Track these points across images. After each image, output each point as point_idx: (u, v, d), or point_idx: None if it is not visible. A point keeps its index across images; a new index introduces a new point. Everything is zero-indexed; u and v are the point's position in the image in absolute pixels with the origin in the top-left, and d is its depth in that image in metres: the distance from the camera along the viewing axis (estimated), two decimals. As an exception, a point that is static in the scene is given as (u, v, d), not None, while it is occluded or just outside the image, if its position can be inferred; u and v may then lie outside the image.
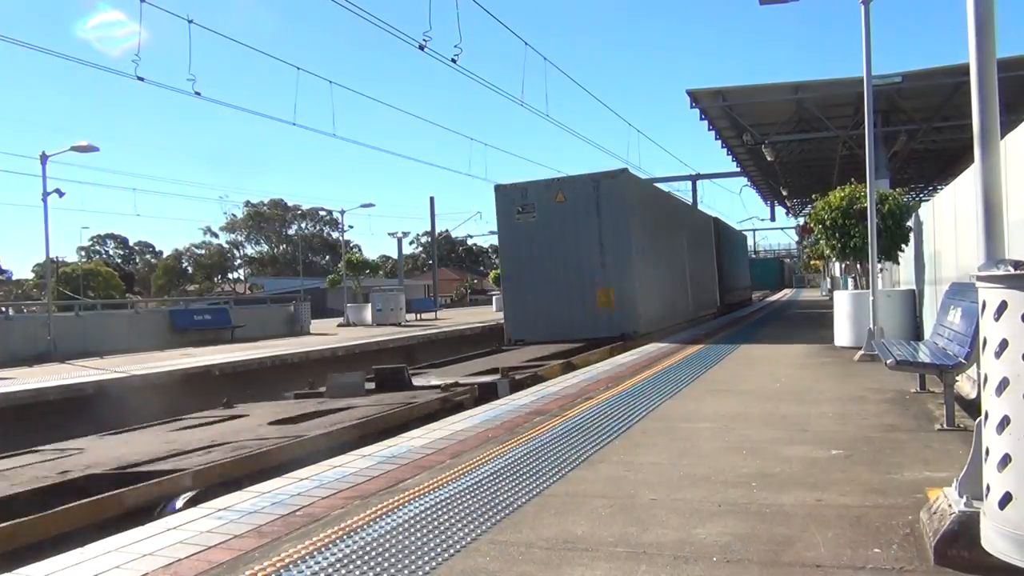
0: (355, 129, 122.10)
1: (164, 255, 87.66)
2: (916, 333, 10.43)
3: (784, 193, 36.02)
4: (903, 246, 11.41)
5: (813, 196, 12.71)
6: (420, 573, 2.91)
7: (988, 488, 2.48)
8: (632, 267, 15.41)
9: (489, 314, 33.70)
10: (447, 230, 69.02)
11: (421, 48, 12.15)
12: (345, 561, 3.05)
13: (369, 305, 29.10)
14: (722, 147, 24.89)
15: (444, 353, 19.35)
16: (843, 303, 11.46)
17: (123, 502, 4.95)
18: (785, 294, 49.82)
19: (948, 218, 8.41)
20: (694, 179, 43.77)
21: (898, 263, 12.81)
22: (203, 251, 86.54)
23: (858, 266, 12.11)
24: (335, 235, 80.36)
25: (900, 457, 4.48)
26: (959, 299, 5.76)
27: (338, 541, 3.30)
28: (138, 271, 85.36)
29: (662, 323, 16.89)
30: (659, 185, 25.35)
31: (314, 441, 6.36)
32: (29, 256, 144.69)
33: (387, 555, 3.11)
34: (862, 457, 4.52)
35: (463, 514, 3.64)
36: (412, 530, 3.42)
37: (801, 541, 3.10)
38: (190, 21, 13.89)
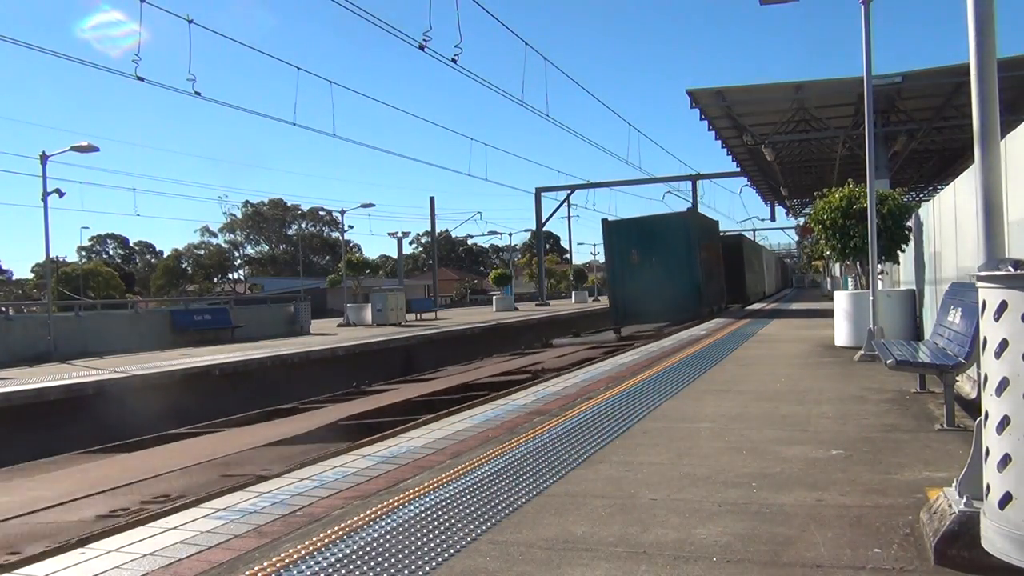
0: (355, 129, 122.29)
1: (164, 255, 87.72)
2: (916, 333, 10.43)
3: (784, 193, 36.03)
4: (903, 246, 11.41)
5: (815, 195, 12.70)
6: (420, 573, 2.91)
7: (988, 488, 2.48)
8: None
9: (489, 314, 33.73)
10: (447, 230, 69.04)
11: (421, 48, 12.16)
12: (345, 561, 3.05)
13: (369, 305, 29.11)
14: (722, 147, 24.92)
15: (445, 353, 19.38)
16: (843, 303, 11.46)
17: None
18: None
19: (948, 218, 8.41)
20: (694, 179, 43.87)
21: (898, 263, 12.81)
22: (203, 251, 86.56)
23: (858, 266, 12.11)
24: (335, 235, 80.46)
25: (900, 457, 4.48)
26: (959, 299, 5.75)
27: (338, 541, 3.30)
28: (138, 271, 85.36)
29: None
30: (659, 186, 23.10)
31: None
32: (29, 256, 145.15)
33: (387, 555, 3.11)
34: (862, 457, 4.52)
35: (463, 514, 3.64)
36: (412, 530, 3.42)
37: (801, 541, 3.10)
38: (190, 21, 13.89)
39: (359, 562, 3.03)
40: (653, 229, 22.34)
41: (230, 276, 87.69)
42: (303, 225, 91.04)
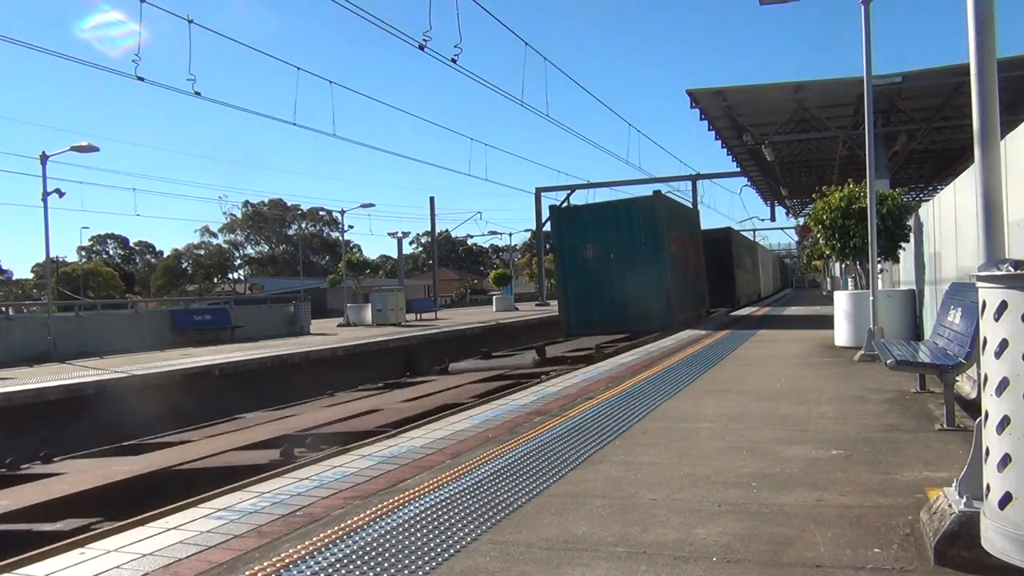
0: (355, 129, 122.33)
1: (164, 255, 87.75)
2: (916, 333, 10.43)
3: (784, 193, 36.01)
4: (903, 246, 11.42)
5: (815, 194, 12.70)
6: (420, 573, 2.91)
7: (988, 488, 2.48)
8: None
9: (489, 314, 33.73)
10: (447, 230, 69.09)
11: (421, 48, 12.17)
12: (345, 561, 3.05)
13: (369, 305, 29.11)
14: (722, 147, 24.89)
15: (445, 352, 19.36)
16: (843, 303, 11.46)
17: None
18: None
19: (948, 218, 8.41)
20: (694, 179, 43.82)
21: (898, 263, 12.81)
22: (203, 251, 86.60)
23: (858, 266, 12.11)
24: (335, 235, 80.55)
25: (900, 457, 4.48)
26: (959, 299, 5.75)
27: (338, 541, 3.30)
28: (138, 271, 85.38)
29: None
30: (659, 186, 24.14)
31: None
32: (29, 256, 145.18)
33: (387, 555, 3.11)
34: (862, 457, 4.52)
35: (463, 514, 3.64)
36: (412, 530, 3.42)
37: (801, 541, 3.10)
38: (190, 21, 13.89)
39: (359, 562, 3.03)
40: (611, 217, 18.26)
41: (230, 276, 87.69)
42: (303, 225, 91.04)
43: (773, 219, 49.67)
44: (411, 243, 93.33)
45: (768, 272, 45.69)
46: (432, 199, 46.71)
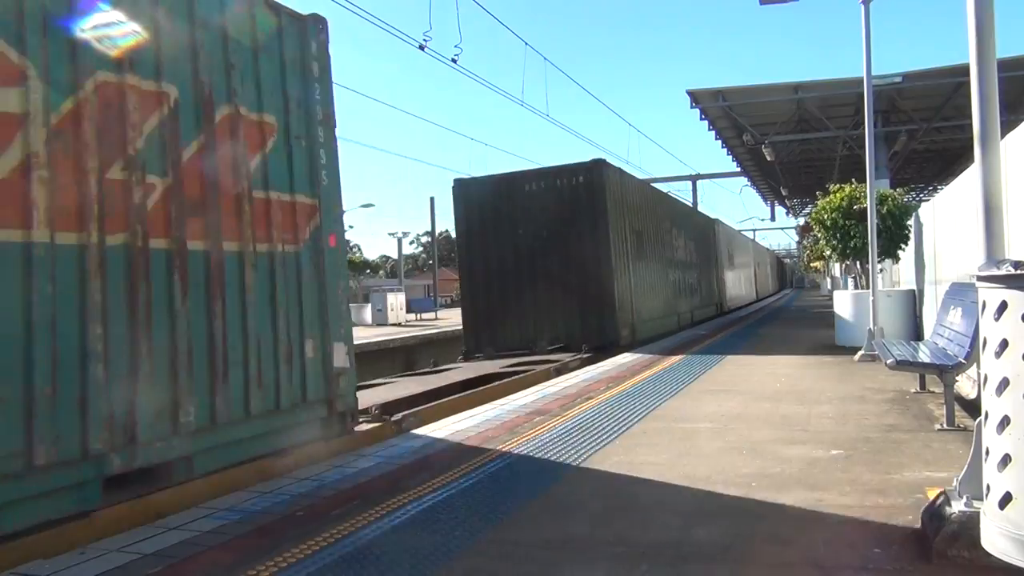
0: (355, 129, 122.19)
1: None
2: (916, 333, 10.43)
3: (784, 193, 36.02)
4: (903, 246, 11.43)
5: (817, 193, 12.73)
6: (420, 573, 2.91)
7: (988, 488, 2.48)
8: None
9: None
10: (447, 230, 68.85)
11: (421, 48, 12.16)
12: (346, 561, 3.05)
13: (369, 305, 29.10)
14: (722, 147, 24.91)
15: (445, 353, 19.34)
16: (843, 303, 11.46)
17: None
18: None
19: (948, 218, 8.42)
20: (694, 179, 43.85)
21: (898, 263, 12.82)
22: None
23: (858, 266, 12.12)
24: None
25: (900, 457, 4.48)
26: (959, 299, 5.76)
27: (339, 541, 3.31)
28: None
29: None
30: (659, 185, 23.99)
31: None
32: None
33: (387, 555, 3.11)
34: (862, 457, 4.52)
35: (464, 514, 3.64)
36: (412, 530, 3.42)
37: (801, 541, 3.10)
38: (189, 21, 13.82)
39: (359, 562, 3.04)
40: None
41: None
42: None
43: (773, 219, 49.69)
44: (411, 243, 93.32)
45: (746, 271, 30.88)
46: (432, 199, 46.54)
